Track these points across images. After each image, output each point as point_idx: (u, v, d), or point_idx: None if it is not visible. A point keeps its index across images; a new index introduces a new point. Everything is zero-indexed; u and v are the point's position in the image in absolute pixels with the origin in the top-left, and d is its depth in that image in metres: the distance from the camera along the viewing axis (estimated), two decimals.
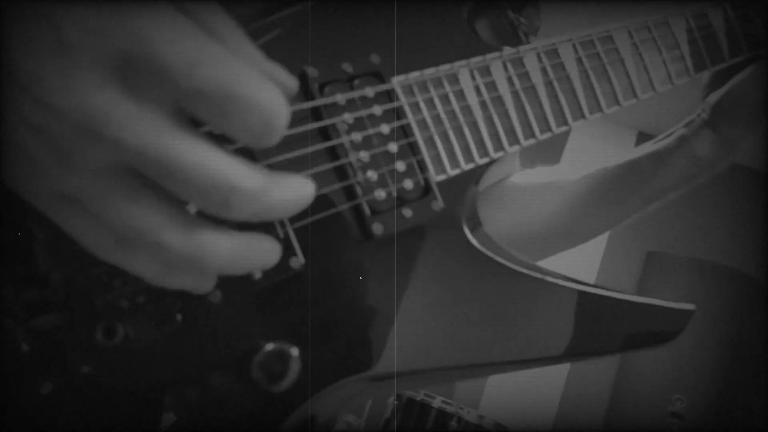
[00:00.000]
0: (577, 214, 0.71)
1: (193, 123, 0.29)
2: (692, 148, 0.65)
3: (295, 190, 0.31)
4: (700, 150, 0.65)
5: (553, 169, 0.75)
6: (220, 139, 0.30)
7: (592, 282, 0.52)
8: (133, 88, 0.27)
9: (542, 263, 0.51)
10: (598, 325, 0.52)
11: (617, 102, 0.57)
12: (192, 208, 0.30)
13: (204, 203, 0.28)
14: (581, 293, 0.51)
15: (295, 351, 0.37)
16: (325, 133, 0.42)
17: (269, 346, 0.37)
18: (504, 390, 3.16)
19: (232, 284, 0.36)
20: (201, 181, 0.28)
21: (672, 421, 2.19)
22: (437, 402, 2.29)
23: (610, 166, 0.70)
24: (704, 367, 2.69)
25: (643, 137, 3.53)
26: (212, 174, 0.28)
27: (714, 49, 0.65)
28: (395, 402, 2.26)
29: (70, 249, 0.33)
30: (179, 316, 0.36)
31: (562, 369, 3.24)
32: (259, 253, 0.31)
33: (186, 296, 0.35)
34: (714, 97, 0.67)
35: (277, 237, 0.38)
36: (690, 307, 0.55)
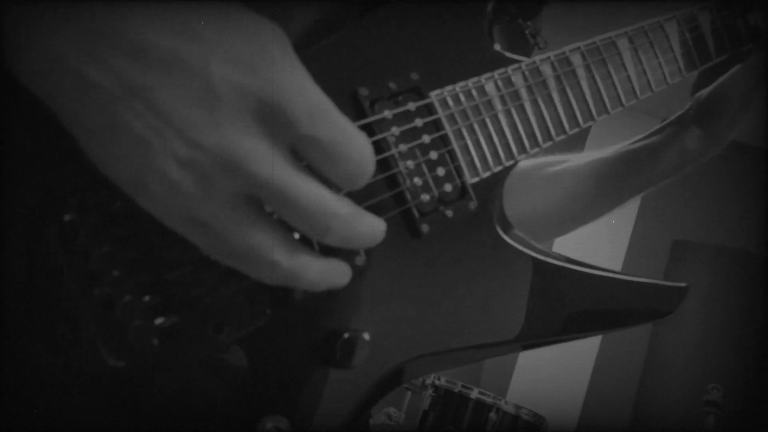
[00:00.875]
0: (578, 200, 0.77)
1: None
2: (682, 141, 0.72)
3: (372, 224, 0.37)
4: (689, 143, 0.71)
5: (559, 157, 0.81)
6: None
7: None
8: (265, 131, 0.32)
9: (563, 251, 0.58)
10: (608, 303, 0.58)
11: (621, 104, 0.63)
12: (296, 234, 0.36)
13: (309, 228, 0.35)
14: (594, 276, 0.57)
15: (366, 335, 0.43)
16: (377, 146, 0.47)
17: (347, 333, 0.42)
18: (531, 379, 3.23)
19: None
20: (311, 209, 0.34)
21: (708, 410, 2.26)
22: (474, 393, 2.34)
23: (607, 157, 0.76)
24: (738, 356, 2.75)
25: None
26: (321, 204, 0.34)
27: (702, 49, 0.72)
28: (432, 394, 2.31)
29: (188, 260, 0.38)
30: (268, 311, 0.41)
31: (589, 357, 3.31)
32: (338, 275, 0.38)
33: (275, 293, 0.41)
34: (702, 94, 0.73)
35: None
36: (683, 285, 0.61)
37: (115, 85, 0.31)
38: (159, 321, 0.38)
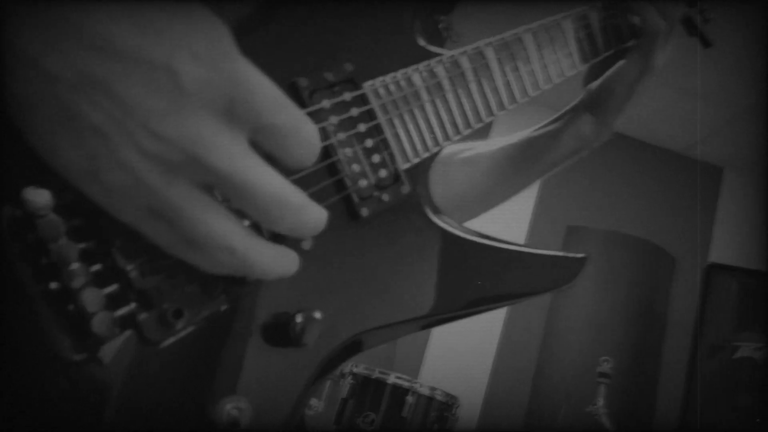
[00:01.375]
0: (491, 182, 0.84)
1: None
2: (577, 127, 0.80)
3: (318, 213, 0.39)
4: (583, 129, 0.80)
5: (473, 144, 0.87)
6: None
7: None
8: (227, 123, 0.34)
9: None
10: (520, 273, 0.64)
11: (527, 94, 0.70)
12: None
13: (264, 215, 0.36)
14: (508, 251, 0.63)
15: (317, 314, 0.45)
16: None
17: (299, 314, 0.44)
18: (441, 360, 3.33)
19: None
20: (268, 198, 0.36)
21: (601, 380, 2.45)
22: (392, 378, 2.38)
23: (515, 142, 0.83)
24: (625, 332, 2.98)
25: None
26: (277, 193, 0.36)
27: (592, 44, 0.80)
28: (351, 381, 2.32)
29: (142, 250, 0.38)
30: (223, 297, 0.43)
31: (493, 335, 3.46)
32: (288, 262, 0.40)
33: (227, 279, 0.42)
34: (592, 85, 0.82)
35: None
36: (581, 255, 0.69)
37: (75, 76, 0.31)
38: (121, 311, 0.38)
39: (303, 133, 0.37)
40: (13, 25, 0.31)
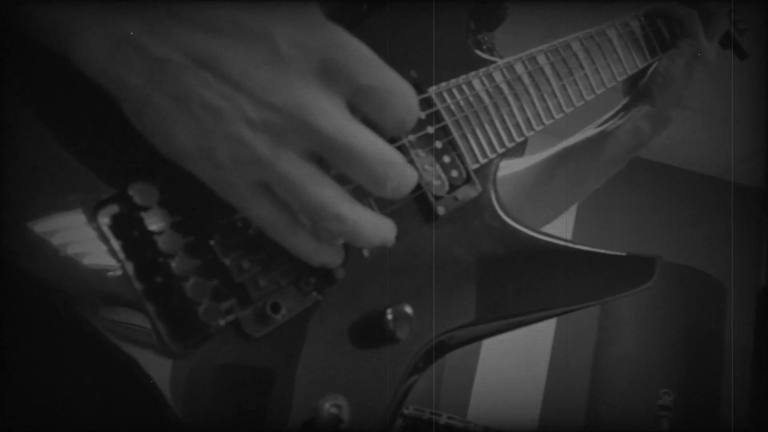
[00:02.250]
0: (543, 185, 0.83)
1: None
2: (634, 122, 0.79)
3: (413, 174, 0.39)
4: (640, 124, 0.79)
5: (516, 160, 0.87)
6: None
7: None
8: (327, 87, 0.35)
9: None
10: (600, 275, 0.63)
11: (583, 98, 0.70)
12: None
13: (370, 177, 0.37)
14: (586, 252, 0.62)
15: (408, 309, 0.44)
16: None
17: (390, 309, 0.44)
18: (489, 395, 3.25)
19: (350, 263, 0.44)
20: (373, 159, 0.36)
21: (662, 414, 2.34)
22: (444, 419, 2.31)
23: (569, 144, 0.83)
24: (681, 362, 2.87)
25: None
26: (381, 153, 0.36)
27: (638, 51, 0.80)
28: (402, 424, 2.27)
29: (238, 241, 0.39)
30: (315, 293, 0.43)
31: (541, 367, 3.37)
32: (387, 227, 0.40)
33: (319, 275, 0.43)
34: (643, 81, 0.82)
35: None
36: (654, 254, 0.67)
37: (182, 58, 0.33)
38: (225, 304, 0.38)
39: (401, 93, 0.37)
40: (116, 20, 0.32)
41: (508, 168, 0.86)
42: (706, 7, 0.83)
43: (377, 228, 0.39)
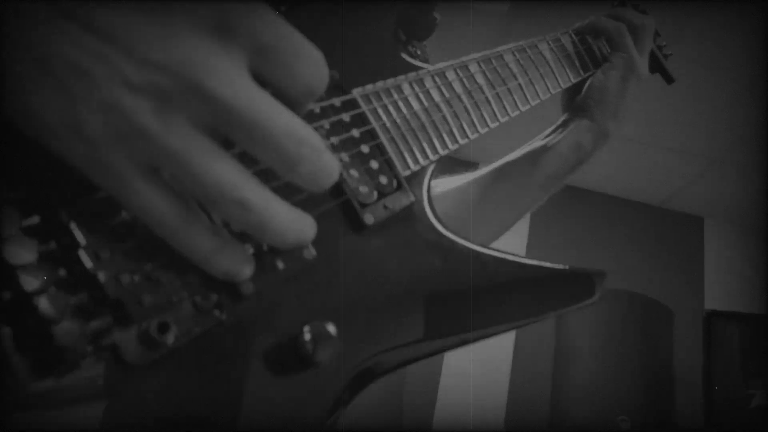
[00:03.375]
0: (485, 200, 0.80)
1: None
2: (574, 137, 0.78)
3: (335, 161, 0.34)
4: (581, 137, 0.77)
5: (456, 177, 0.84)
6: None
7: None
8: (223, 46, 0.29)
9: None
10: (541, 290, 0.59)
11: (518, 108, 0.68)
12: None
13: (279, 157, 0.31)
14: (526, 266, 0.58)
15: (331, 327, 0.39)
16: None
17: (307, 326, 0.39)
18: (453, 406, 3.16)
19: (261, 275, 0.38)
20: (283, 135, 0.30)
21: None
22: None
23: (509, 159, 0.80)
24: (634, 388, 2.86)
25: None
26: (292, 129, 0.31)
27: (571, 66, 0.80)
28: None
29: (115, 248, 0.33)
30: (217, 312, 0.37)
31: (500, 396, 3.31)
32: (304, 222, 0.34)
33: (222, 291, 0.37)
34: (580, 96, 0.80)
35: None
36: (600, 269, 0.64)
37: (45, 11, 0.27)
38: (93, 324, 0.32)
39: (309, 55, 0.32)
40: None
41: (452, 183, 0.83)
42: (633, 22, 0.83)
43: (292, 221, 0.33)
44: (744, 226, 4.00)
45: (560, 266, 0.62)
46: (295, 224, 0.33)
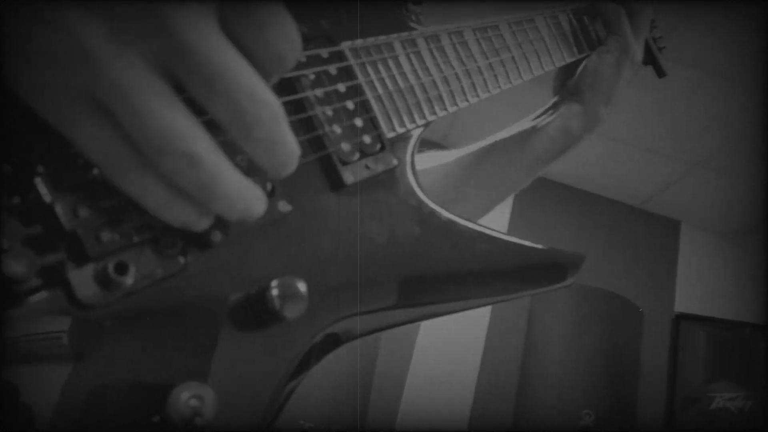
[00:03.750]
0: (470, 177, 0.78)
1: None
2: (564, 120, 0.76)
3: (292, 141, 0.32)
4: (570, 123, 0.76)
5: (431, 154, 0.82)
6: None
7: None
8: None
9: None
10: (518, 266, 0.57)
11: (509, 81, 0.66)
12: None
13: (236, 115, 0.29)
14: (506, 242, 0.57)
15: (301, 284, 0.37)
16: (290, 87, 0.43)
17: (275, 280, 0.36)
18: (418, 405, 3.16)
19: (231, 225, 0.36)
20: (243, 90, 0.28)
21: None
22: None
23: (498, 138, 0.78)
24: (600, 384, 2.88)
25: None
26: (253, 85, 0.28)
27: (566, 45, 0.78)
28: None
29: (76, 180, 0.30)
30: (182, 259, 0.34)
31: (467, 391, 3.33)
32: (256, 196, 0.32)
33: (188, 237, 0.35)
34: (572, 80, 0.79)
35: (263, 187, 0.38)
36: (580, 254, 0.63)
37: None
38: (47, 259, 0.29)
39: (284, 21, 0.30)
40: None
41: (439, 159, 0.80)
42: (631, 5, 0.81)
43: (242, 188, 0.30)
44: (720, 234, 4.05)
45: (539, 246, 0.60)
46: (245, 192, 0.31)
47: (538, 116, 0.79)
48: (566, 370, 2.91)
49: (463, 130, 3.46)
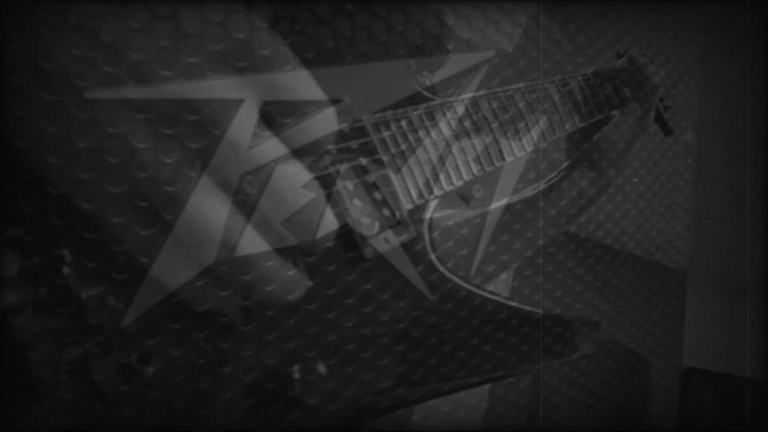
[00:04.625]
0: (491, 243, 0.78)
1: None
2: (578, 186, 0.77)
3: None
4: (584, 188, 0.76)
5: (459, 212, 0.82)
6: None
7: None
8: None
9: None
10: (533, 339, 0.57)
11: (524, 149, 0.67)
12: None
13: None
14: (518, 310, 0.56)
15: (322, 367, 0.37)
16: (315, 165, 0.44)
17: (296, 365, 0.36)
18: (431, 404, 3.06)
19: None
20: None
21: None
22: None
23: (513, 201, 0.79)
24: None
25: None
26: None
27: (578, 111, 0.79)
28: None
29: (103, 270, 0.31)
30: (204, 344, 0.34)
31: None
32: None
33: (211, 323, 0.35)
34: (586, 146, 0.80)
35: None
36: (593, 320, 0.63)
37: None
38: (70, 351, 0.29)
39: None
40: None
41: (455, 218, 0.81)
42: (648, 75, 0.83)
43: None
44: (728, 286, 4.02)
45: (559, 314, 0.60)
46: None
47: (550, 179, 0.79)
48: (572, 417, 2.85)
49: None
